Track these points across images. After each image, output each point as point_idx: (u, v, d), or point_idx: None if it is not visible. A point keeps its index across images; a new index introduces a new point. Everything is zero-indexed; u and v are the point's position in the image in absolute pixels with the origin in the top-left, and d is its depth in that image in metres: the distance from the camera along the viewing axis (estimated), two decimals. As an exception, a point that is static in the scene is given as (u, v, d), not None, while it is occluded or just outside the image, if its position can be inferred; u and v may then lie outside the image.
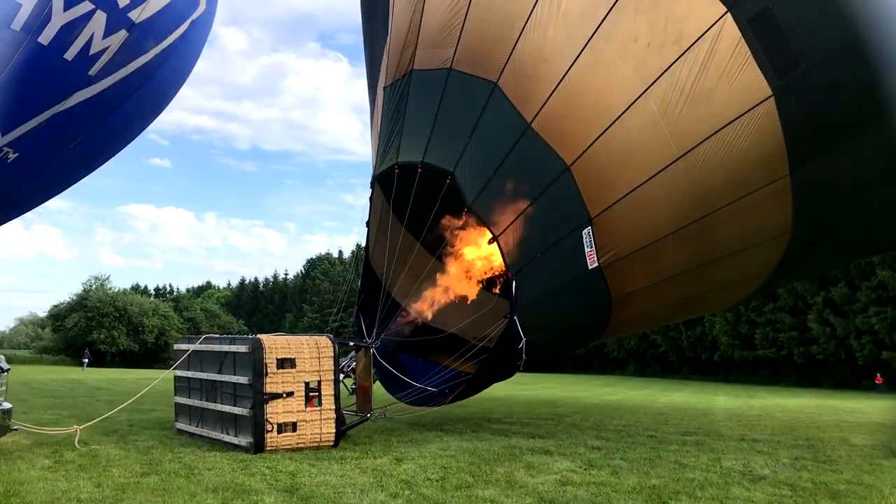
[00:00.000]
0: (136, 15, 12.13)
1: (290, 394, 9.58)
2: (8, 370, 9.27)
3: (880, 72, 8.85)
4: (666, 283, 10.97)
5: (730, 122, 9.19)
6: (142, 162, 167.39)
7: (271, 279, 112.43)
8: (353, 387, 11.45)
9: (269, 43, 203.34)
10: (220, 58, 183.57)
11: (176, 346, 11.70)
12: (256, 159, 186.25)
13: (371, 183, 11.94)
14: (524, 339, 10.29)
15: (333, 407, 9.91)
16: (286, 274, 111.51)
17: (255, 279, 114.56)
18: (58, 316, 79.19)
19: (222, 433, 9.93)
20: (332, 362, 9.91)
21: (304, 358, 9.76)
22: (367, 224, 12.45)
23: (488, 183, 10.24)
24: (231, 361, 9.91)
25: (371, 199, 12.17)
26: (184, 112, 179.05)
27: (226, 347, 10.12)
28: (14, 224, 15.71)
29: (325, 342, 9.98)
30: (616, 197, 9.87)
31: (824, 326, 40.52)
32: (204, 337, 10.89)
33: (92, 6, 11.49)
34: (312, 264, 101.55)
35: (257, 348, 9.42)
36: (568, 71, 9.79)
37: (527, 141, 10.09)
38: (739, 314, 44.69)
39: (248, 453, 9.08)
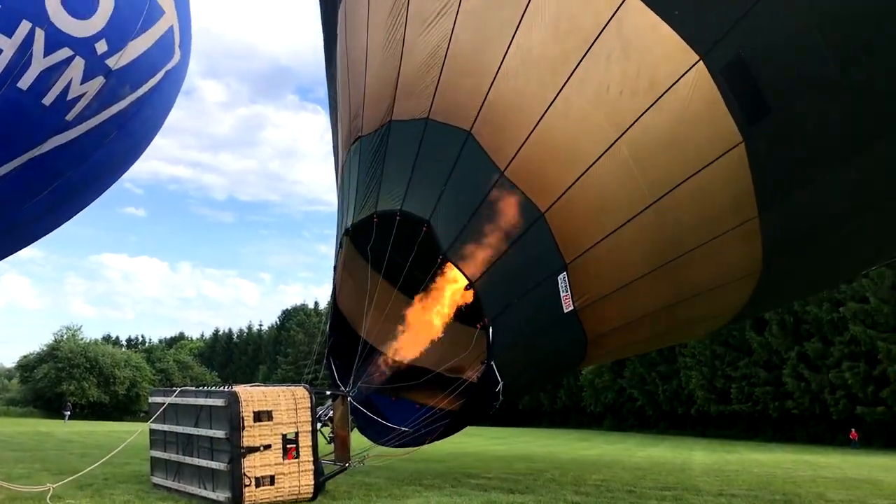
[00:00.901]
0: (114, 62, 12.26)
1: (267, 446, 9.45)
2: None
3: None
4: (639, 322, 11.20)
5: (701, 169, 9.41)
6: (116, 211, 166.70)
7: (245, 330, 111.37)
8: (331, 435, 11.37)
9: (247, 95, 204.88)
10: (198, 109, 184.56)
11: (151, 399, 11.51)
12: (233, 210, 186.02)
13: (346, 231, 11.94)
14: (501, 383, 10.38)
15: (311, 458, 9.84)
16: (260, 325, 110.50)
17: (229, 330, 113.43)
18: (27, 367, 77.61)
19: (199, 488, 9.77)
20: (309, 413, 9.80)
21: (280, 409, 9.64)
22: (335, 268, 12.50)
23: (463, 230, 10.32)
24: (207, 415, 9.76)
25: (341, 244, 12.19)
26: (160, 162, 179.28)
27: (201, 401, 9.95)
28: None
29: (301, 393, 9.89)
30: (590, 243, 10.05)
31: (799, 381, 40.81)
32: (179, 390, 10.71)
33: (71, 52, 11.56)
34: (287, 315, 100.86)
35: (233, 402, 9.28)
36: (540, 119, 9.92)
37: (500, 188, 10.20)
38: (715, 369, 44.91)
39: (226, 508, 8.98)
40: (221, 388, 9.89)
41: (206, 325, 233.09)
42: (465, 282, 10.34)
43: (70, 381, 72.68)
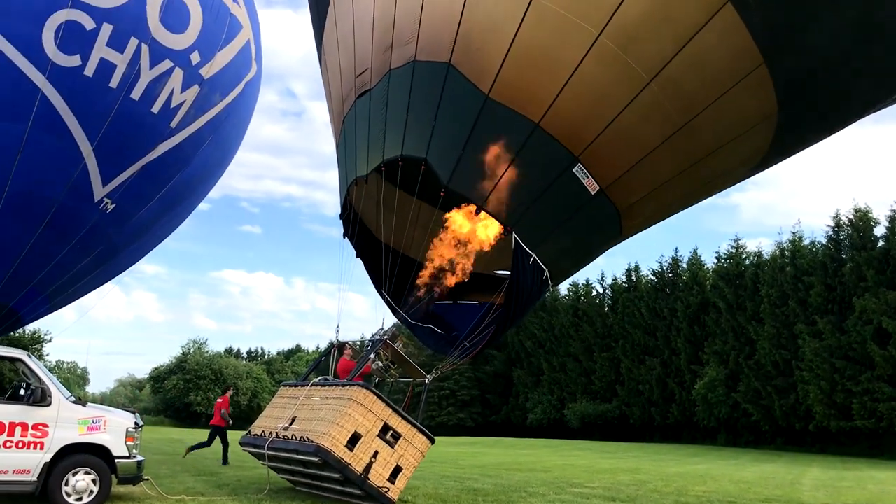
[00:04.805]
0: (206, 71, 13.69)
1: (376, 454, 10.19)
2: (142, 426, 10.46)
3: None
4: (666, 186, 11.45)
5: (693, 36, 9.55)
6: (234, 229, 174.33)
7: (358, 342, 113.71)
8: (390, 364, 11.90)
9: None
10: (308, 130, 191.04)
11: (244, 450, 11.70)
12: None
13: (354, 182, 12.19)
14: (546, 270, 10.80)
15: (409, 425, 10.44)
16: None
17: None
18: (158, 378, 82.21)
19: (350, 499, 10.54)
20: (380, 403, 10.28)
21: (360, 423, 10.03)
22: (345, 213, 12.83)
23: (460, 159, 10.55)
24: (313, 465, 10.14)
25: (349, 199, 12.58)
26: (274, 181, 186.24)
27: (296, 457, 10.32)
28: (108, 287, 17.20)
29: (361, 395, 10.24)
30: (596, 132, 10.30)
31: (926, 397, 38.85)
32: (268, 446, 10.87)
33: (171, 63, 12.99)
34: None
35: (326, 456, 9.63)
36: (515, 35, 10.02)
37: (489, 111, 10.37)
38: (835, 383, 43.14)
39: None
40: (307, 443, 9.98)
41: (321, 338, 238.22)
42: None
43: (197, 391, 76.51)
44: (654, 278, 60.09)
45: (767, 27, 9.70)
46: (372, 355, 11.86)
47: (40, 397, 9.64)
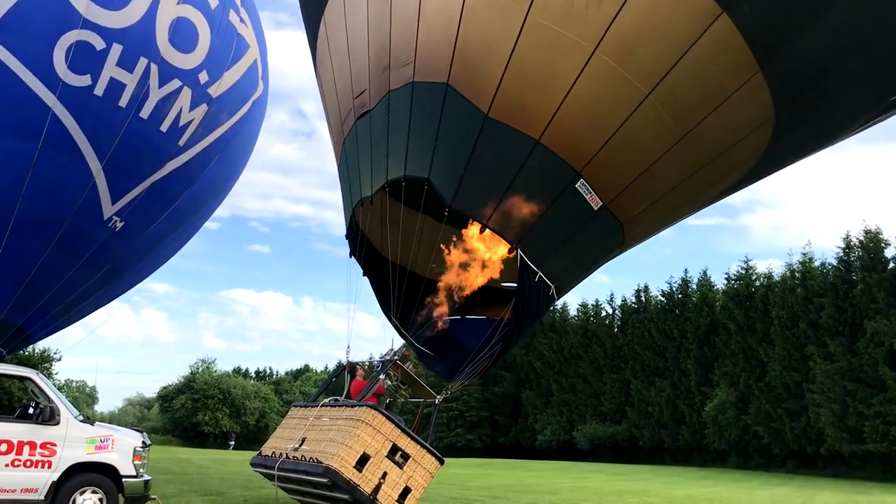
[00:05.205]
0: (214, 90, 13.85)
1: (385, 475, 10.10)
2: (150, 445, 10.44)
3: None
4: (669, 195, 11.47)
5: (690, 47, 9.60)
6: (244, 248, 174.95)
7: (367, 363, 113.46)
8: (401, 385, 11.80)
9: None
10: (317, 149, 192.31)
11: (255, 470, 11.60)
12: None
13: (359, 203, 12.23)
14: (553, 286, 10.78)
15: (419, 446, 10.37)
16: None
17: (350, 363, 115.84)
18: (166, 397, 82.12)
19: None
20: (389, 424, 10.21)
21: (369, 444, 9.98)
22: (351, 233, 12.78)
23: (462, 179, 10.55)
24: (321, 485, 10.10)
25: (353, 213, 12.58)
26: (283, 201, 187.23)
27: (305, 478, 10.29)
28: (117, 305, 17.24)
29: (370, 415, 10.18)
30: (597, 147, 10.28)
31: (939, 420, 38.43)
32: (278, 466, 10.81)
33: (180, 83, 13.17)
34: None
35: (335, 477, 9.58)
36: (511, 53, 10.02)
37: (489, 130, 10.36)
38: (846, 406, 42.77)
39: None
40: (317, 464, 9.92)
41: (330, 358, 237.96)
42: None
43: (205, 411, 76.30)
44: (663, 299, 59.85)
45: (763, 34, 9.79)
46: (382, 375, 11.79)
47: (49, 416, 9.66)
